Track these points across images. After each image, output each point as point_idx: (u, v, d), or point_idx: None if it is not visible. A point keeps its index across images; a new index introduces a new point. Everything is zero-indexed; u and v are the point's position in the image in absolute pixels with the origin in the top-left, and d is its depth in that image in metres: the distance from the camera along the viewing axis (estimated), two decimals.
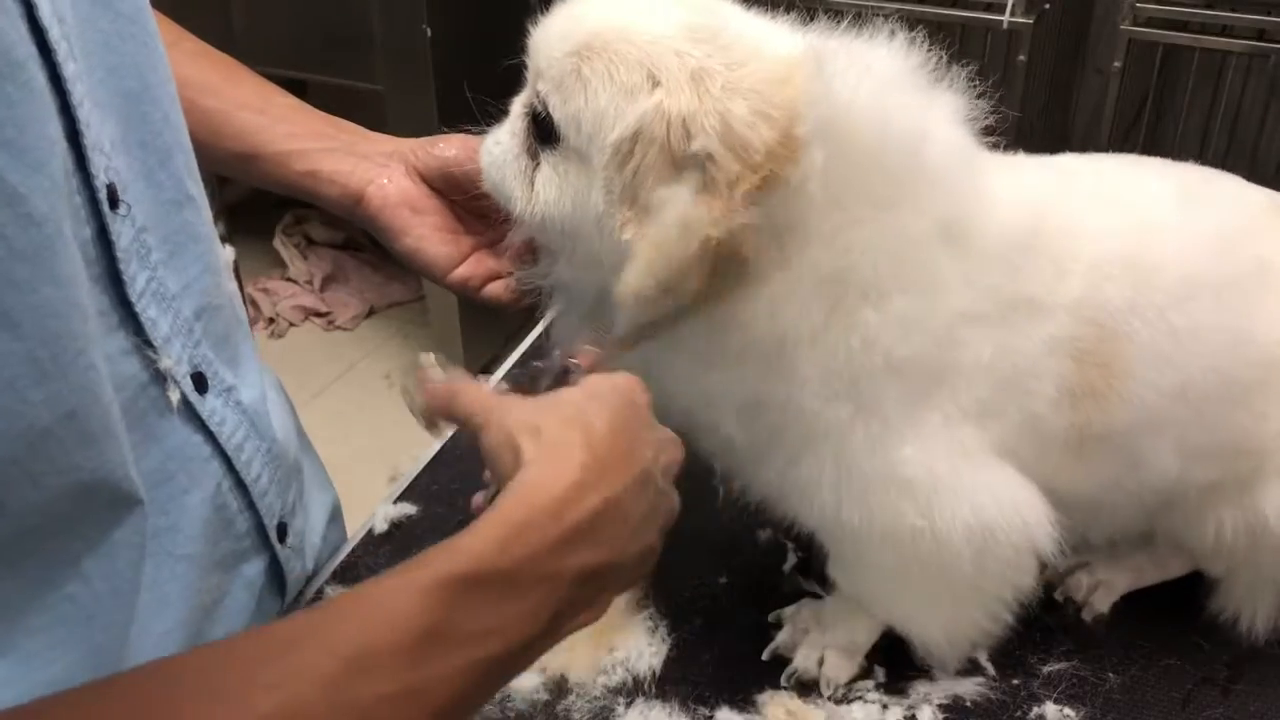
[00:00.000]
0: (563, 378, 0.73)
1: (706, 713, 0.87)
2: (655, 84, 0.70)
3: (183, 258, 0.69)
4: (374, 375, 2.84)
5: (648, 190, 0.71)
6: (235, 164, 0.88)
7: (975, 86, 0.76)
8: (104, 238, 0.61)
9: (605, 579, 0.63)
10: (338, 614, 0.56)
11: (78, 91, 0.57)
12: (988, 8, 2.01)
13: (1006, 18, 1.94)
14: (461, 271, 0.87)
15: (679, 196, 0.70)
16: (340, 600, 0.57)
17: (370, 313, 3.06)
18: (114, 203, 0.61)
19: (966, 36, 2.01)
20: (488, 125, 0.83)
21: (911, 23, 0.76)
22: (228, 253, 0.78)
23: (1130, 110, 2.19)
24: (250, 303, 2.95)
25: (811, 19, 0.77)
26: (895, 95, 0.73)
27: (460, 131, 0.88)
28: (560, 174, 0.76)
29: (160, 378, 0.66)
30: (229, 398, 0.73)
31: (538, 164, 0.77)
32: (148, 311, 0.64)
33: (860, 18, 0.76)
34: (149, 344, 0.64)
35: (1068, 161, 0.89)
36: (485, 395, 0.68)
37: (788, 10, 0.79)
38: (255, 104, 0.88)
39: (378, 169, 0.88)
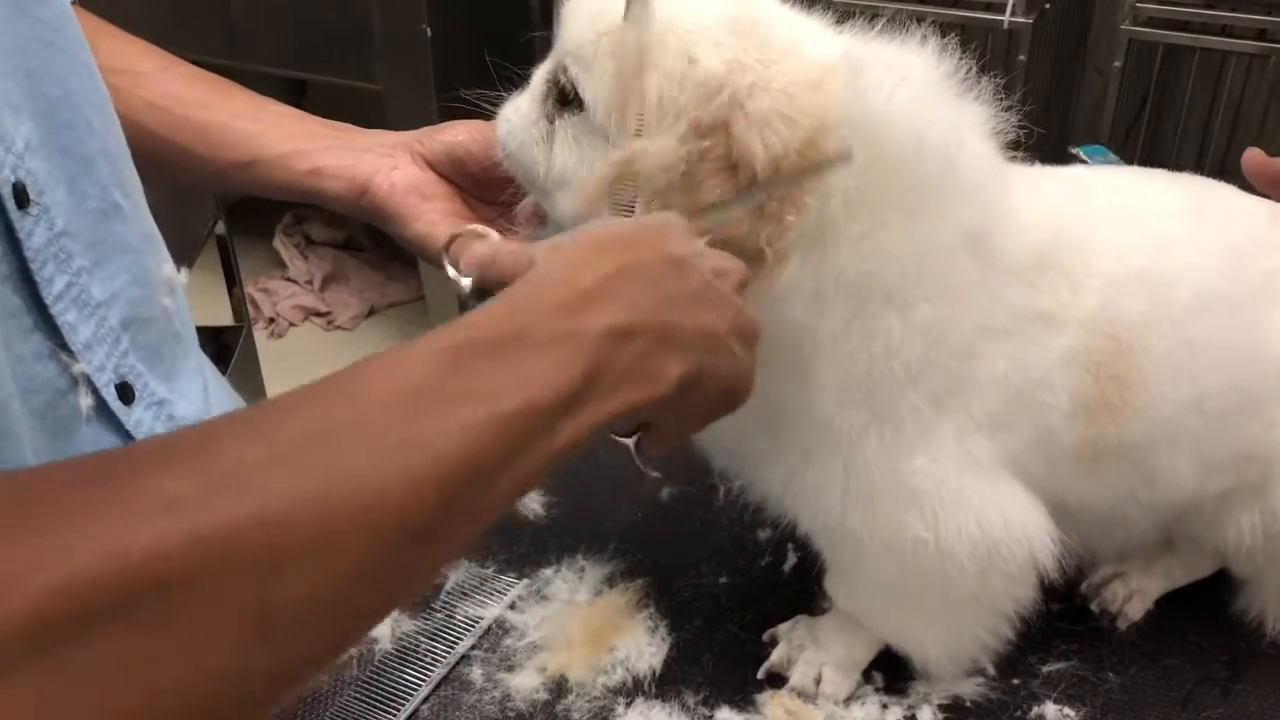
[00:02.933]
0: None
1: (706, 713, 0.87)
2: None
3: (109, 267, 0.68)
4: None
5: (674, 184, 0.70)
6: (236, 173, 0.88)
7: (979, 86, 0.76)
8: (12, 237, 0.60)
9: (644, 341, 0.58)
10: (325, 382, 0.52)
11: None
12: (988, 8, 2.01)
13: (1006, 18, 1.94)
14: None
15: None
16: (327, 376, 0.53)
17: (370, 313, 3.05)
18: (22, 202, 0.60)
19: (967, 36, 2.01)
20: (491, 117, 0.83)
21: (911, 22, 0.76)
22: (181, 275, 0.76)
23: (1130, 110, 2.19)
24: (250, 303, 2.95)
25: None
26: (931, 104, 0.73)
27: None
28: (581, 145, 0.75)
29: (78, 384, 0.64)
30: (160, 411, 0.71)
31: (556, 129, 0.77)
32: (65, 315, 0.63)
33: (858, 16, 0.76)
34: (66, 348, 0.63)
35: (1083, 174, 0.89)
36: (522, 248, 0.65)
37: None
38: (250, 113, 0.88)
39: (382, 159, 0.87)
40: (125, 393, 0.68)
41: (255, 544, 0.43)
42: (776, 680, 0.90)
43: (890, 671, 0.90)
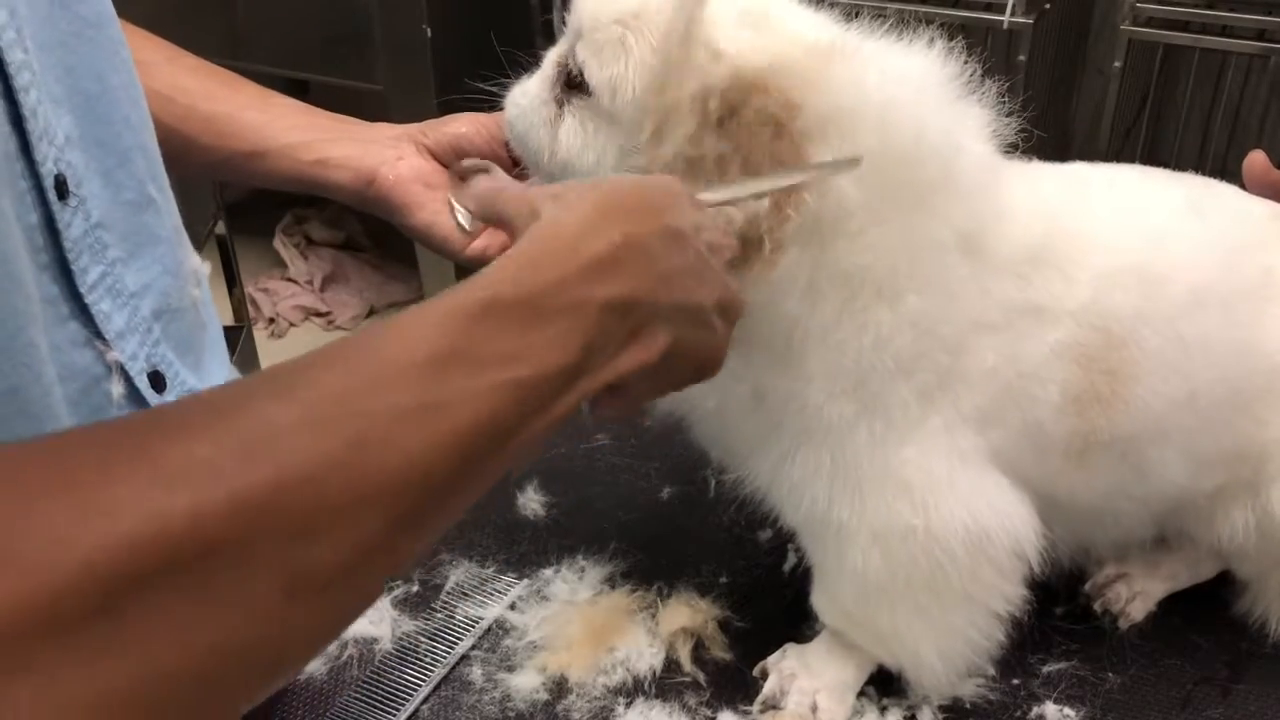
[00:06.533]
0: None
1: (708, 714, 0.87)
2: (710, 64, 0.71)
3: (143, 258, 0.69)
4: None
5: (680, 170, 0.72)
6: (243, 163, 0.89)
7: (982, 88, 0.77)
8: (52, 227, 0.61)
9: (640, 314, 0.61)
10: (351, 342, 0.54)
11: (24, 79, 0.58)
12: (988, 8, 2.01)
13: (1006, 18, 1.94)
14: (479, 243, 0.86)
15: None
16: (353, 335, 0.55)
17: (370, 313, 3.05)
18: (62, 194, 0.61)
19: (967, 37, 2.01)
20: (496, 110, 0.84)
21: (912, 21, 0.76)
22: (204, 267, 0.78)
23: (1130, 110, 2.18)
24: (250, 303, 2.95)
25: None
26: (931, 106, 0.74)
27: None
28: (588, 129, 0.76)
29: (111, 372, 0.66)
30: None
31: (563, 113, 0.77)
32: (100, 305, 0.64)
33: (861, 16, 0.77)
34: (101, 337, 0.64)
35: (1080, 171, 0.89)
36: (525, 192, 0.67)
37: None
38: (256, 105, 0.90)
39: (387, 150, 0.88)
40: (157, 381, 0.70)
41: (291, 508, 0.44)
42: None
43: (887, 675, 0.89)
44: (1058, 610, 0.95)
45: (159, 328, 0.70)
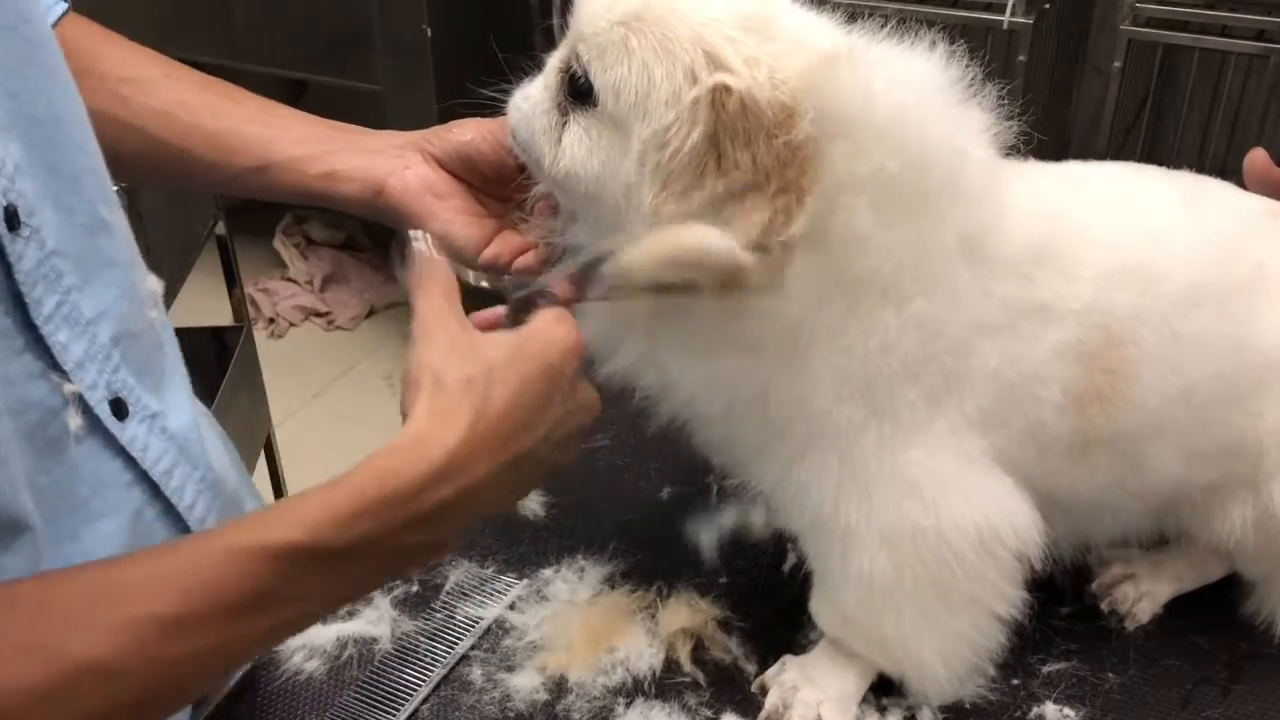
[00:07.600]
0: (531, 302, 0.74)
1: (708, 714, 0.87)
2: (712, 66, 0.71)
3: (97, 283, 0.68)
4: (374, 375, 2.84)
5: (685, 174, 0.71)
6: (249, 178, 0.88)
7: (983, 92, 0.77)
8: (3, 259, 0.60)
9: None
10: (171, 568, 0.57)
11: None
12: (988, 8, 2.01)
13: (1006, 18, 1.94)
14: (490, 251, 0.86)
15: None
16: (176, 551, 0.59)
17: (370, 313, 3.06)
18: (13, 224, 0.60)
19: (966, 37, 2.00)
20: (498, 113, 0.83)
21: (911, 22, 0.76)
22: (157, 284, 0.78)
23: (1130, 110, 2.18)
24: (250, 303, 2.95)
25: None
26: (936, 110, 0.74)
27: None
28: (592, 136, 0.75)
29: (68, 404, 0.65)
30: (153, 424, 0.72)
31: (567, 121, 0.77)
32: (56, 335, 0.63)
33: (861, 18, 0.77)
34: (57, 368, 0.63)
35: (1078, 170, 0.89)
36: (431, 311, 0.71)
37: None
38: (259, 118, 0.89)
39: (394, 160, 0.87)
40: (119, 408, 0.69)
41: None
42: None
43: (887, 677, 0.89)
44: (1062, 610, 0.95)
45: (118, 354, 0.69)
